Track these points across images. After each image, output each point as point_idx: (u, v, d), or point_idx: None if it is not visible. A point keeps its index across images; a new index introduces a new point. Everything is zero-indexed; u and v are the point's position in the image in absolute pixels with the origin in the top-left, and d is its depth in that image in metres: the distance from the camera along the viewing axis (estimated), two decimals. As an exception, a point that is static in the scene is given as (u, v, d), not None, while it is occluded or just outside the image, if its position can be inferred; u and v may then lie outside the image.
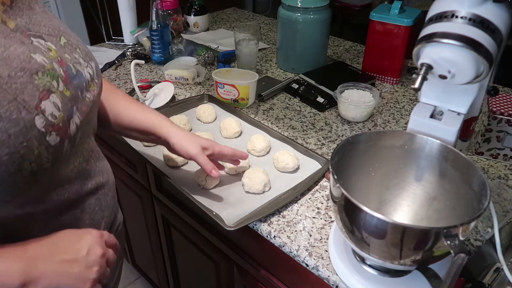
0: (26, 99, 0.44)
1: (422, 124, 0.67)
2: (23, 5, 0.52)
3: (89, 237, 0.53)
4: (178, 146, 0.73)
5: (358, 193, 0.59)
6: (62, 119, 0.48)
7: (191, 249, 1.10)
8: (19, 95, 0.43)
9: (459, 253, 0.48)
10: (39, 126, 0.45)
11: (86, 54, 0.59)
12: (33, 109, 0.44)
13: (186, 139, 0.73)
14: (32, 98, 0.45)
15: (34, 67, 0.47)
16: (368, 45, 1.24)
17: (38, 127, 0.45)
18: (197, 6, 1.56)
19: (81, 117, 0.53)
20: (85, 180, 0.58)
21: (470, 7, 0.57)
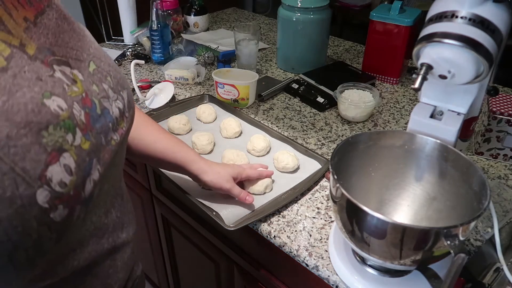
0: (27, 167, 0.33)
1: (422, 124, 0.67)
2: (49, 22, 0.42)
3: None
4: (211, 184, 0.76)
5: (358, 193, 0.59)
6: (74, 185, 0.38)
7: (191, 249, 1.10)
8: (18, 163, 0.33)
9: (459, 253, 0.48)
10: (41, 202, 0.34)
11: (118, 82, 0.48)
12: (35, 181, 0.34)
13: (217, 176, 0.75)
14: (35, 165, 0.34)
15: (45, 120, 0.36)
16: (368, 45, 1.24)
17: (40, 203, 0.34)
18: (197, 6, 1.56)
19: (102, 169, 0.42)
20: (101, 238, 0.48)
21: (470, 7, 0.57)
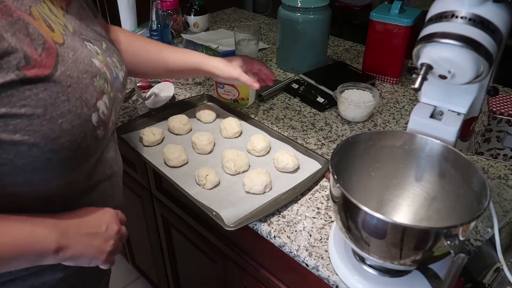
0: (88, 98, 0.51)
1: (422, 124, 0.67)
2: (74, 10, 0.59)
3: (107, 215, 0.60)
4: (222, 75, 0.90)
5: (358, 193, 0.59)
6: (108, 117, 0.56)
7: (191, 249, 1.10)
8: (83, 94, 0.50)
9: (459, 253, 0.48)
10: (94, 121, 0.52)
11: (120, 59, 0.65)
12: (92, 107, 0.52)
13: (227, 68, 0.90)
14: (92, 97, 0.52)
15: (94, 71, 0.54)
16: (368, 45, 1.24)
17: (93, 122, 0.52)
18: (197, 6, 1.55)
19: (115, 116, 0.61)
20: (105, 166, 0.63)
21: (470, 7, 0.57)
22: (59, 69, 0.48)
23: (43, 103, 0.46)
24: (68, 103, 0.48)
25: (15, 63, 0.43)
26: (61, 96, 0.48)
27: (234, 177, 0.86)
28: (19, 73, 0.44)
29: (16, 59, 0.44)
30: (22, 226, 0.51)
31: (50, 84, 0.47)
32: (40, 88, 0.46)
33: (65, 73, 0.49)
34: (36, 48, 0.46)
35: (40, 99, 0.46)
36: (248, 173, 0.83)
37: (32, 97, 0.45)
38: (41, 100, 0.46)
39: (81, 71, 0.51)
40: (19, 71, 0.44)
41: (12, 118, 0.44)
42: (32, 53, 0.45)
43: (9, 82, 0.43)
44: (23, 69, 0.44)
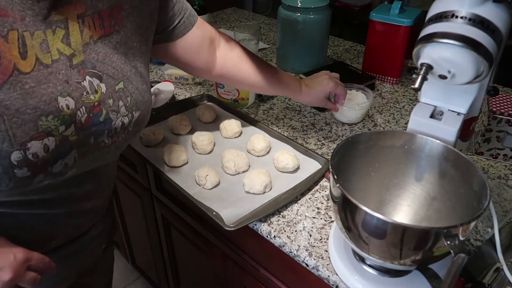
0: (17, 134, 0.47)
1: (422, 124, 0.67)
2: (109, 43, 0.56)
3: (8, 258, 0.52)
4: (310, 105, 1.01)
5: (358, 193, 0.59)
6: (43, 160, 0.50)
7: (191, 249, 1.10)
8: (13, 129, 0.46)
9: (459, 253, 0.48)
10: (12, 159, 0.47)
11: (135, 104, 0.60)
12: (17, 145, 0.47)
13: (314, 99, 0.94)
14: (24, 135, 0.47)
15: (50, 110, 0.49)
16: (368, 45, 1.24)
17: (11, 159, 0.47)
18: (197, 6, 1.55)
19: (80, 159, 0.55)
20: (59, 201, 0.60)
21: (470, 7, 0.57)
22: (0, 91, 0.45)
23: None
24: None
25: None
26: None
27: (234, 177, 0.86)
28: None
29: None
30: None
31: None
32: None
33: (1, 102, 0.45)
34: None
35: None
36: (248, 173, 0.83)
37: None
38: None
39: (28, 105, 0.47)
40: None
41: None
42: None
43: None
44: None
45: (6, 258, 0.51)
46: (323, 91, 0.93)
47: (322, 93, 0.93)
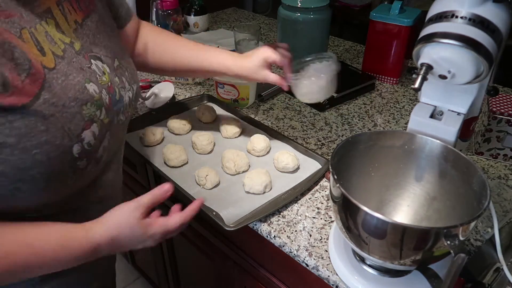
0: (72, 128, 0.48)
1: (422, 124, 0.67)
2: (92, 24, 0.56)
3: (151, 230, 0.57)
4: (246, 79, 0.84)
5: (358, 193, 0.59)
6: (94, 146, 0.53)
7: (191, 249, 1.10)
8: (67, 124, 0.48)
9: (459, 253, 0.48)
10: (75, 152, 0.49)
11: (132, 77, 0.63)
12: (75, 138, 0.49)
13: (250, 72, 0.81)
14: (77, 127, 0.49)
15: (86, 98, 0.51)
16: (368, 45, 1.24)
17: (74, 153, 0.49)
18: (197, 6, 1.55)
19: (111, 140, 0.57)
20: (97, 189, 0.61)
21: (470, 7, 0.57)
22: (42, 97, 0.45)
23: (17, 132, 0.43)
24: (47, 133, 0.46)
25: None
26: (39, 126, 0.45)
27: (234, 177, 0.86)
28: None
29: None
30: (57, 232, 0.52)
31: (28, 113, 0.44)
32: (17, 116, 0.43)
33: (48, 101, 0.46)
34: (20, 74, 0.43)
35: (14, 128, 0.43)
36: (248, 173, 0.83)
37: (6, 125, 0.42)
38: (15, 129, 0.43)
39: (69, 98, 0.48)
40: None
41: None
42: (13, 79, 0.42)
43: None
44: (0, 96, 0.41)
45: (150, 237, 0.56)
46: (258, 58, 0.80)
47: (256, 60, 0.79)
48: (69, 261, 0.51)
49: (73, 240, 0.51)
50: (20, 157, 0.44)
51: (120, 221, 0.54)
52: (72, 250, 0.51)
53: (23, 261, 0.48)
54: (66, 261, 0.51)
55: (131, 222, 0.54)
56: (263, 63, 0.80)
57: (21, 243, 0.48)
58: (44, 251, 0.49)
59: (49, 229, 0.51)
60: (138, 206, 0.55)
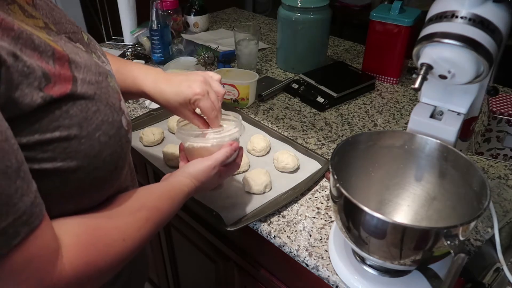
0: (113, 101, 0.46)
1: (422, 124, 0.67)
2: (40, 2, 0.49)
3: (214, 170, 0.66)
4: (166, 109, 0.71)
5: (358, 193, 0.59)
6: (130, 120, 0.51)
7: (191, 249, 1.10)
8: (108, 99, 0.46)
9: (459, 253, 0.48)
10: (124, 125, 0.48)
11: (102, 50, 0.58)
12: (119, 111, 0.47)
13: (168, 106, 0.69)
14: (115, 100, 0.47)
15: (104, 71, 0.48)
16: (368, 45, 1.24)
17: (124, 126, 0.48)
18: (197, 6, 1.55)
19: None
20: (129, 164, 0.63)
21: (470, 7, 0.57)
22: (78, 79, 0.42)
23: (76, 120, 0.41)
24: (99, 113, 0.44)
25: (37, 85, 0.38)
26: (91, 108, 0.43)
27: (234, 177, 0.86)
28: (43, 95, 0.38)
29: (36, 79, 0.38)
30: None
31: (78, 98, 0.42)
32: (69, 104, 0.41)
33: (85, 81, 0.43)
34: (48, 61, 0.40)
35: (72, 116, 0.41)
36: (248, 173, 0.83)
37: (63, 116, 0.40)
38: (73, 117, 0.41)
39: (95, 74, 0.45)
40: (43, 93, 0.38)
41: (48, 144, 0.40)
42: (47, 68, 0.39)
43: (36, 107, 0.38)
44: (46, 89, 0.38)
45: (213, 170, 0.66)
46: (182, 95, 0.66)
47: (180, 96, 0.66)
48: (177, 210, 0.60)
49: (175, 195, 0.60)
50: (88, 145, 0.43)
51: (202, 177, 0.64)
52: (177, 202, 0.59)
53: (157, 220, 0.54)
54: (176, 211, 0.59)
55: (210, 177, 0.65)
56: (187, 102, 0.67)
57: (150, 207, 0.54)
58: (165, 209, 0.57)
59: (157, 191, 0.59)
60: (216, 165, 0.65)
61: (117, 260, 0.47)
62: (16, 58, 0.36)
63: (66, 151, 0.41)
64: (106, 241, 0.45)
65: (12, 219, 0.35)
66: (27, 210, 0.36)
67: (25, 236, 0.36)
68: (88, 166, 0.43)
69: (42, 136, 0.39)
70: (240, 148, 0.72)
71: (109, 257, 0.45)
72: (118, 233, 0.47)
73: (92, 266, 0.43)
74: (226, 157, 0.66)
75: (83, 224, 0.45)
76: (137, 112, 1.08)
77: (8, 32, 0.36)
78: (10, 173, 0.34)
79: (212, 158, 0.65)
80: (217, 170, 0.66)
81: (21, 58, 0.36)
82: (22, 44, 0.37)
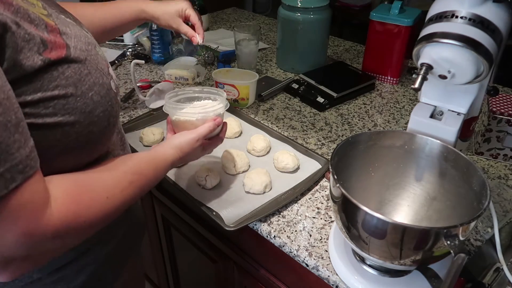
0: (102, 67, 0.53)
1: (422, 124, 0.67)
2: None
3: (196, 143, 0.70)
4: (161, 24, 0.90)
5: (358, 193, 0.59)
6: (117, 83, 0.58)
7: (191, 249, 1.10)
8: (98, 65, 0.52)
9: (459, 253, 0.48)
10: (113, 88, 0.55)
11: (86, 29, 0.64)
12: (108, 75, 0.54)
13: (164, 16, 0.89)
14: (103, 66, 0.54)
15: (92, 42, 0.54)
16: (368, 45, 1.24)
17: (113, 88, 0.55)
18: (197, 6, 1.55)
19: None
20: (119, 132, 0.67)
21: (470, 7, 0.57)
22: (71, 46, 0.49)
23: (72, 81, 0.48)
24: (91, 76, 0.50)
25: (36, 49, 0.44)
26: (83, 71, 0.49)
27: (234, 177, 0.86)
28: (43, 58, 0.45)
29: (36, 45, 0.44)
30: None
31: (72, 61, 0.48)
32: (64, 67, 0.47)
33: (76, 48, 0.49)
34: (43, 32, 0.46)
35: (67, 77, 0.47)
36: (248, 173, 0.83)
37: (60, 77, 0.47)
38: (69, 78, 0.48)
39: (84, 43, 0.51)
40: (42, 56, 0.45)
41: (49, 101, 0.46)
42: (44, 37, 0.45)
43: (37, 69, 0.44)
44: (44, 53, 0.45)
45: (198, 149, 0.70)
46: (176, 6, 0.89)
47: (175, 7, 0.89)
48: (161, 177, 0.64)
49: (160, 162, 0.64)
50: (83, 102, 0.49)
51: (186, 148, 0.68)
52: (161, 170, 0.63)
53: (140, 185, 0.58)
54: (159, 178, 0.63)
55: (193, 148, 0.69)
56: (179, 12, 0.89)
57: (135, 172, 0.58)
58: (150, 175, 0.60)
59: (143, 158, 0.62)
60: (200, 138, 0.69)
61: (100, 215, 0.50)
62: (18, 26, 0.42)
63: (65, 107, 0.47)
64: (91, 196, 0.50)
65: (9, 165, 0.40)
66: (22, 161, 0.41)
67: (21, 183, 0.41)
68: (84, 121, 0.50)
69: (44, 94, 0.45)
70: (224, 123, 0.77)
71: (92, 211, 0.49)
72: (103, 190, 0.51)
73: (77, 217, 0.47)
74: (209, 131, 0.71)
75: (71, 179, 0.50)
76: (137, 112, 1.08)
77: (8, 7, 0.42)
78: (9, 126, 0.40)
79: (196, 132, 0.70)
80: (200, 143, 0.70)
81: (22, 27, 0.43)
82: (21, 17, 0.43)
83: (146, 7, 0.88)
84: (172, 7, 0.89)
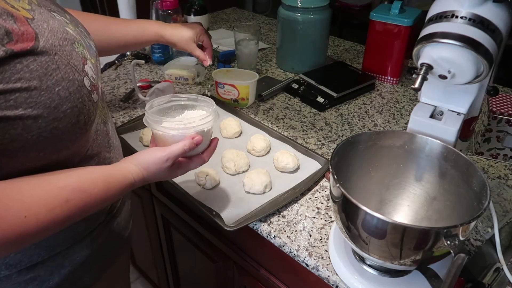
0: (75, 63, 0.52)
1: (422, 124, 0.67)
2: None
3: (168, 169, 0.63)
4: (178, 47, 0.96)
5: (358, 193, 0.59)
6: (97, 81, 0.57)
7: (191, 249, 1.10)
8: (70, 60, 0.51)
9: (459, 253, 0.48)
10: (87, 85, 0.53)
11: (86, 30, 0.64)
12: (81, 72, 0.53)
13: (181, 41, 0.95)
14: (78, 63, 0.53)
15: (71, 38, 0.53)
16: (368, 45, 1.24)
17: (86, 86, 0.53)
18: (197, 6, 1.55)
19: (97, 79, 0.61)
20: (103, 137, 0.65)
21: (470, 7, 0.57)
22: (41, 39, 0.48)
23: (36, 74, 0.47)
24: (59, 70, 0.49)
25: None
26: (51, 65, 0.48)
27: (234, 177, 0.86)
28: (5, 49, 0.44)
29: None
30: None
31: (38, 54, 0.47)
32: (29, 60, 0.46)
33: (47, 42, 0.49)
34: (9, 23, 0.45)
35: (32, 71, 0.46)
36: (248, 173, 0.83)
37: (24, 70, 0.46)
38: (33, 71, 0.47)
39: (60, 39, 0.51)
40: (5, 47, 0.44)
41: (10, 93, 0.45)
42: (11, 28, 0.45)
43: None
44: (8, 45, 0.44)
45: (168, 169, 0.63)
46: (191, 32, 0.94)
47: (190, 33, 0.94)
48: (114, 197, 0.58)
49: (114, 181, 0.57)
50: (48, 97, 0.48)
51: (152, 168, 0.62)
52: (115, 189, 0.57)
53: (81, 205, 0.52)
54: (111, 198, 0.58)
55: (162, 169, 0.62)
56: (194, 38, 0.95)
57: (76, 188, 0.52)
58: (96, 194, 0.54)
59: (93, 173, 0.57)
60: (169, 158, 0.62)
61: (13, 236, 0.44)
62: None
63: (27, 101, 0.46)
64: (2, 214, 0.43)
65: None
66: None
67: None
68: (48, 116, 0.48)
69: (5, 86, 0.44)
70: (213, 140, 0.71)
71: (2, 231, 0.43)
72: (20, 207, 0.45)
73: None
74: (183, 150, 0.63)
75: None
76: (137, 112, 1.08)
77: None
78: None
79: (167, 150, 0.62)
80: (170, 163, 0.62)
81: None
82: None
83: (165, 33, 0.94)
84: (187, 32, 0.94)
